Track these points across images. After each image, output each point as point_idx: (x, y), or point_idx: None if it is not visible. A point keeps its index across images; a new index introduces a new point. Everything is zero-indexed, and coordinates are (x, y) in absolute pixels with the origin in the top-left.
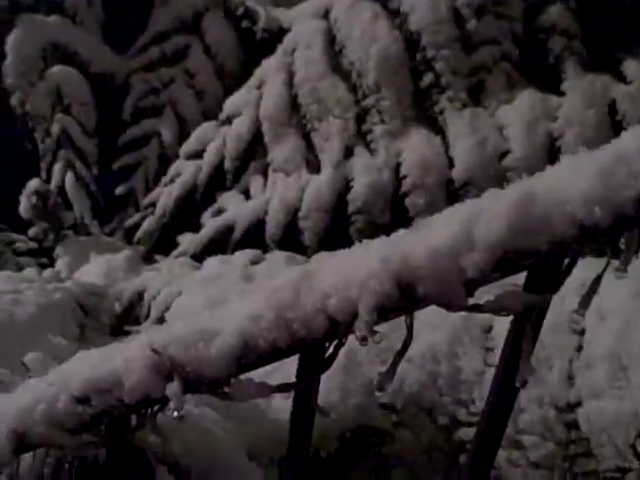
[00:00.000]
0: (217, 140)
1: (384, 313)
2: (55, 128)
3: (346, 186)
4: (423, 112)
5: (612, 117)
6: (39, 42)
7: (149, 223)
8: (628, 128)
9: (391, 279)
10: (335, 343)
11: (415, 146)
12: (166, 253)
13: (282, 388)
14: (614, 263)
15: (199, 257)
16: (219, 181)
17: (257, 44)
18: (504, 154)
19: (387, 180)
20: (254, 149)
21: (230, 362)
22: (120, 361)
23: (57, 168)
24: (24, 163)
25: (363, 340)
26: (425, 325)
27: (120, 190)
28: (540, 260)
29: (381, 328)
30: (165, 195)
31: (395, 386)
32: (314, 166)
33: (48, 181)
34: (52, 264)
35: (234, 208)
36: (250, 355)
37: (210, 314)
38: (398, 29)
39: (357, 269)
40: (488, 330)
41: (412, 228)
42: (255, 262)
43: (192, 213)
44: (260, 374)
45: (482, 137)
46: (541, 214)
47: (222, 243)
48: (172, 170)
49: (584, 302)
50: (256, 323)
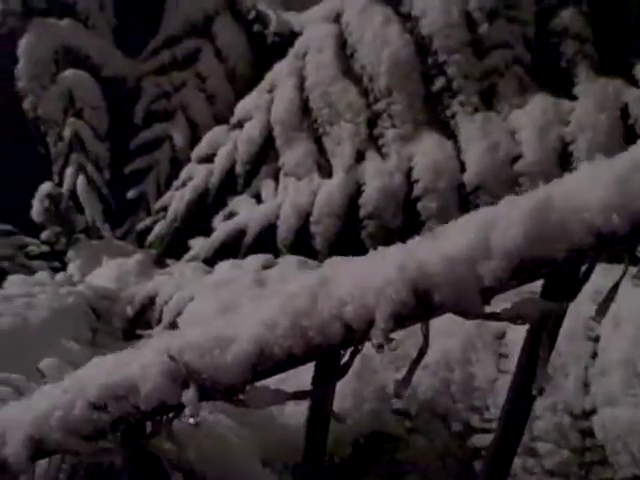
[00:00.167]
0: (228, 144)
1: (400, 321)
2: (67, 132)
3: (357, 190)
4: (435, 116)
5: (624, 121)
6: (51, 46)
7: (160, 227)
8: None
9: (407, 286)
10: (351, 350)
11: (427, 150)
12: (177, 257)
13: (298, 395)
14: (631, 270)
15: (211, 261)
16: (230, 185)
17: (268, 48)
18: (516, 158)
19: (399, 184)
20: (265, 153)
21: (246, 369)
22: (136, 367)
23: (69, 172)
24: (36, 167)
25: (379, 347)
26: (438, 332)
27: (132, 194)
28: (557, 268)
29: (396, 335)
30: (177, 199)
31: (409, 392)
32: (325, 170)
33: (60, 185)
34: (64, 267)
35: (245, 212)
36: (266, 362)
37: (225, 320)
38: (409, 33)
39: (373, 276)
40: (501, 337)
41: (428, 235)
42: (267, 267)
43: (203, 217)
44: (274, 381)
45: (494, 141)
46: (558, 221)
47: (233, 247)
48: (184, 174)
49: (601, 309)
50: (272, 330)
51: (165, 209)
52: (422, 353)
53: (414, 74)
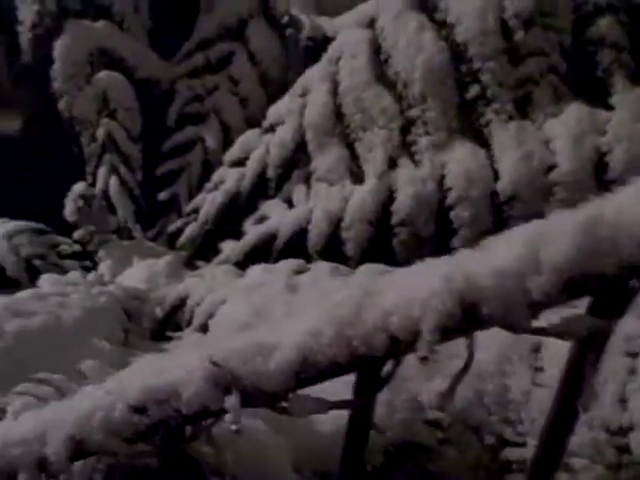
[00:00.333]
0: (260, 148)
1: (446, 333)
2: (101, 132)
3: (390, 197)
4: (468, 124)
5: None
6: (86, 47)
7: (191, 229)
8: None
9: (454, 299)
10: (394, 361)
11: (460, 158)
12: (208, 259)
13: (339, 405)
14: None
15: (241, 264)
16: (262, 189)
17: (301, 52)
18: (550, 168)
19: (431, 192)
20: (297, 158)
21: (289, 377)
22: (179, 372)
23: (102, 172)
24: (70, 167)
25: (423, 359)
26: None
27: (163, 195)
28: (606, 283)
29: None
30: (208, 202)
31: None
32: (357, 176)
33: (93, 185)
34: (95, 267)
35: (277, 216)
36: (309, 370)
37: (268, 328)
38: (444, 40)
39: (419, 287)
40: (537, 350)
41: (476, 248)
42: (299, 272)
43: (234, 220)
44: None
45: (528, 150)
46: (609, 236)
47: (264, 251)
48: (215, 177)
49: None
50: (316, 338)
51: (196, 211)
52: (467, 366)
53: (448, 81)
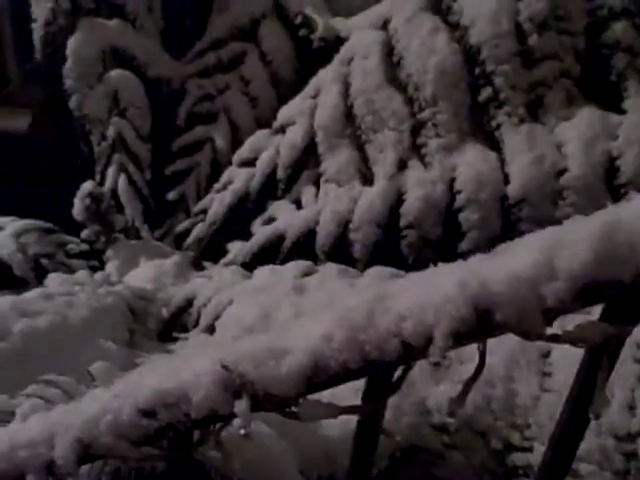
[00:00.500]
0: (270, 148)
1: (459, 339)
2: (111, 131)
3: (399, 199)
4: (479, 127)
5: None
6: (99, 45)
7: (199, 229)
8: None
9: (468, 304)
10: (404, 367)
11: (470, 161)
12: (215, 260)
13: (350, 410)
14: None
15: (249, 265)
16: (271, 190)
17: (313, 53)
18: (561, 172)
19: (441, 194)
20: (307, 159)
21: (300, 381)
22: (188, 375)
23: (111, 171)
24: (79, 165)
25: (436, 365)
26: None
27: (172, 195)
28: (622, 290)
29: None
30: (217, 202)
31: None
32: (367, 178)
33: (102, 184)
34: (102, 267)
35: (285, 217)
36: (320, 375)
37: (280, 332)
38: (457, 42)
39: (433, 292)
40: (546, 355)
41: (490, 253)
42: (307, 273)
43: (243, 221)
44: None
45: (539, 154)
46: (626, 242)
47: (272, 252)
48: (224, 177)
49: None
50: (327, 343)
51: (205, 212)
52: (479, 372)
53: (461, 84)
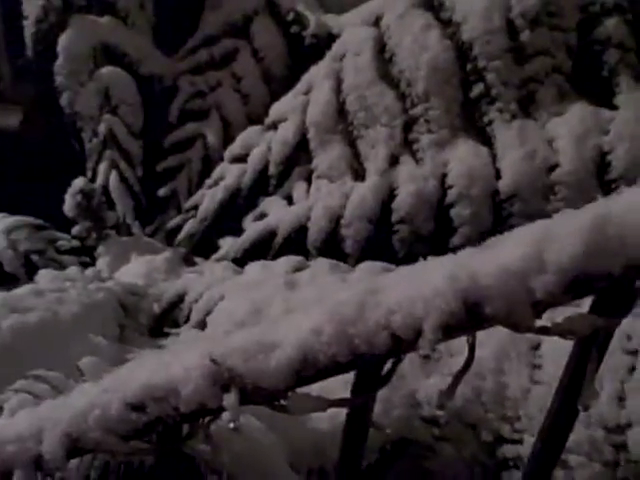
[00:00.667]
0: (262, 145)
1: (449, 332)
2: (102, 128)
3: (390, 194)
4: (471, 123)
5: None
6: (90, 42)
7: (191, 225)
8: None
9: (458, 298)
10: (393, 360)
11: (462, 156)
12: (206, 256)
13: (339, 403)
14: None
15: (240, 261)
16: (262, 186)
17: (305, 49)
18: (553, 167)
19: (432, 190)
20: (299, 155)
21: (289, 375)
22: (177, 370)
23: (102, 168)
24: (70, 162)
25: (425, 358)
26: None
27: (163, 192)
28: (611, 283)
29: None
30: (208, 198)
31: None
32: (359, 174)
33: (93, 180)
34: (93, 263)
35: (276, 213)
36: (309, 369)
37: (269, 325)
38: (449, 39)
39: (423, 286)
40: (536, 347)
41: (480, 247)
42: (299, 269)
43: (234, 217)
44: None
45: (531, 149)
46: (616, 235)
47: (263, 248)
48: (216, 173)
49: None
50: (317, 336)
51: (196, 208)
52: (468, 365)
53: (453, 80)
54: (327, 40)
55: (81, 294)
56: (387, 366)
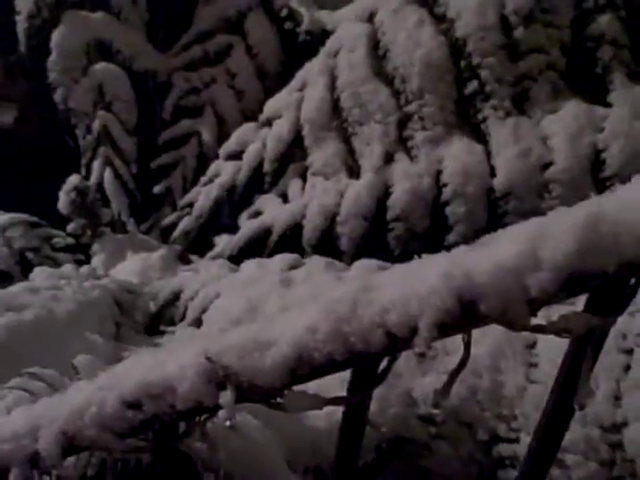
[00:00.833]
0: (257, 142)
1: (444, 330)
2: (96, 125)
3: (385, 192)
4: (466, 120)
5: None
6: (83, 38)
7: (186, 223)
8: None
9: (453, 295)
10: (389, 358)
11: (457, 154)
12: (201, 254)
13: (335, 401)
14: None
15: (235, 259)
16: (257, 183)
17: (299, 46)
18: (547, 165)
19: (427, 187)
20: (294, 152)
21: (284, 373)
22: (173, 367)
23: (96, 165)
24: (64, 159)
25: (421, 356)
26: None
27: (158, 189)
28: (605, 281)
29: None
30: (203, 195)
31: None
32: (354, 171)
33: (87, 177)
34: (88, 260)
35: (271, 211)
36: (305, 367)
37: (264, 323)
38: (443, 35)
39: (418, 284)
40: (531, 346)
41: (475, 244)
42: (294, 266)
43: (229, 214)
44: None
45: (525, 147)
46: (610, 234)
47: (259, 246)
48: (211, 170)
49: None
50: (312, 335)
51: (191, 205)
52: (464, 363)
53: (447, 76)
54: (321, 36)
55: (76, 292)
56: (383, 364)
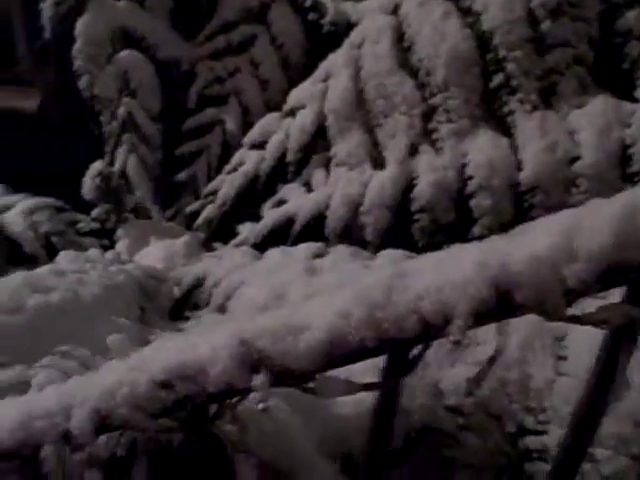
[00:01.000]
0: (280, 132)
1: (479, 318)
2: (121, 112)
3: (410, 183)
4: (491, 113)
5: None
6: (108, 26)
7: (209, 211)
8: None
9: (488, 285)
10: (422, 345)
11: (482, 147)
12: (224, 241)
13: (367, 387)
14: None
15: (258, 247)
16: (281, 173)
17: (323, 37)
18: (574, 159)
19: (452, 180)
20: (317, 142)
21: (318, 358)
22: (206, 349)
23: (121, 151)
24: (89, 145)
25: (456, 344)
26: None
27: (182, 176)
28: None
29: None
30: (227, 184)
31: (464, 389)
32: (378, 162)
33: (112, 164)
34: (112, 246)
35: (295, 200)
36: (338, 352)
37: (295, 308)
38: (469, 28)
39: (453, 272)
40: (561, 339)
41: (510, 234)
42: (319, 255)
43: (253, 203)
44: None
45: (552, 141)
46: None
47: (282, 234)
48: (235, 159)
49: None
50: (346, 320)
51: (215, 193)
52: (498, 353)
53: (472, 69)
54: (345, 28)
55: (102, 276)
56: (415, 352)
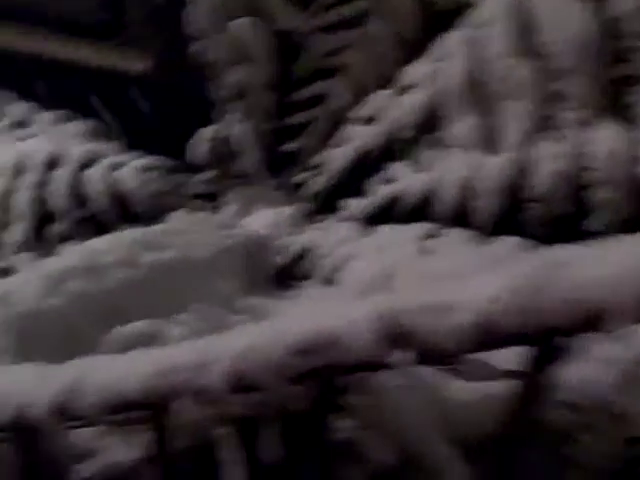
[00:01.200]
0: (392, 109)
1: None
2: (234, 79)
3: (525, 171)
4: (615, 103)
5: None
6: None
7: (316, 183)
8: None
9: None
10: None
11: (604, 137)
12: (330, 214)
13: (512, 375)
14: None
15: (365, 223)
16: (390, 150)
17: (439, 16)
18: None
19: (571, 170)
20: (429, 123)
21: (466, 339)
22: (345, 321)
23: (232, 118)
24: (200, 111)
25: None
26: None
27: (290, 146)
28: None
29: None
30: (335, 158)
31: (584, 386)
32: (491, 146)
33: (222, 130)
34: (220, 210)
35: (405, 179)
36: (486, 336)
37: (442, 288)
38: (596, 14)
39: (613, 265)
40: None
41: None
42: (430, 236)
43: (360, 179)
44: None
45: None
46: None
47: (389, 212)
48: (344, 134)
49: None
50: (496, 305)
51: (321, 165)
52: None
53: (598, 57)
54: (463, 8)
55: (211, 238)
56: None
